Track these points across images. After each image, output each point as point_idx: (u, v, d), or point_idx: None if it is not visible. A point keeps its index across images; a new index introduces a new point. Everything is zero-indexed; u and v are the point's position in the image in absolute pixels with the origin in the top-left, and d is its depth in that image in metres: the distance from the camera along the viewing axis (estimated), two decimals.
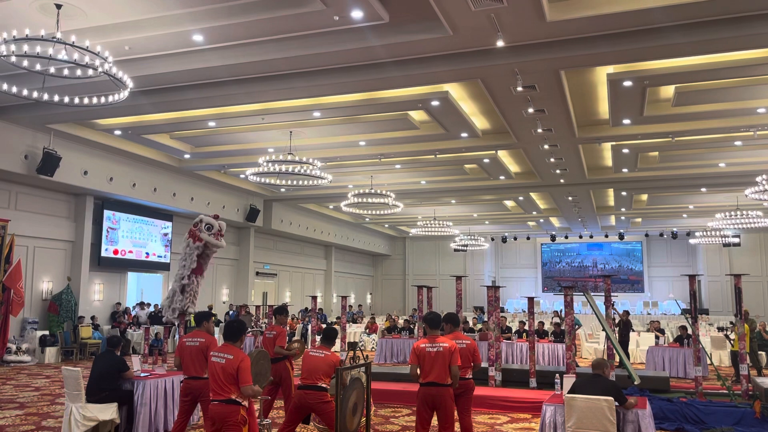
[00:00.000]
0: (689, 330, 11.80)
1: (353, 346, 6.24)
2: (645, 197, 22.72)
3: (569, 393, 5.95)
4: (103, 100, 9.19)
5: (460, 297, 12.46)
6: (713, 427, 7.89)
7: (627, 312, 16.37)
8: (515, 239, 33.68)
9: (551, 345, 14.77)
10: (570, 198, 21.61)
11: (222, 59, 10.19)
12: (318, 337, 11.22)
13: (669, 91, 12.01)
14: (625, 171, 17.87)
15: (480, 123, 13.97)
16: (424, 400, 5.93)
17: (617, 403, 5.80)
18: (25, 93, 8.73)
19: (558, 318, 19.98)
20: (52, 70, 8.03)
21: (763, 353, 14.30)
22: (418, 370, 5.97)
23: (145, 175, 17.50)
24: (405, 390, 9.64)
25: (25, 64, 7.73)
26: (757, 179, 14.64)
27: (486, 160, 16.83)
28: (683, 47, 9.20)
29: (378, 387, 9.50)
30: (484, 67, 10.09)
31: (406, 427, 8.12)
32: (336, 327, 16.82)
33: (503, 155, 16.82)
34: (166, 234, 19.99)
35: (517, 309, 29.83)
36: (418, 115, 13.53)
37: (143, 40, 9.69)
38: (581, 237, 32.18)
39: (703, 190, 20.48)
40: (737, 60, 9.93)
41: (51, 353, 15.29)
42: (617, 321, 14.93)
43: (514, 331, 16.25)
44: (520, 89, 10.60)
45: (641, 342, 16.52)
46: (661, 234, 31.39)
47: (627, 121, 13.14)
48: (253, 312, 17.12)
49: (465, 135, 14.27)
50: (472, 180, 19.71)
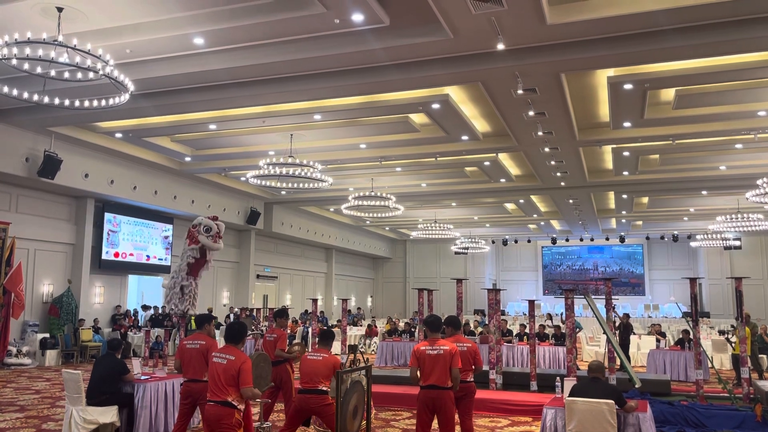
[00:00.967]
0: (691, 334, 11.78)
1: (354, 349, 6.23)
2: (646, 200, 22.70)
3: (569, 396, 5.94)
4: (104, 103, 9.20)
5: (460, 300, 12.45)
6: (714, 431, 7.87)
7: (627, 315, 16.37)
8: (516, 242, 33.65)
9: (552, 348, 14.76)
10: (571, 201, 21.61)
11: (223, 62, 10.20)
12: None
13: (669, 94, 12.01)
14: (626, 174, 17.86)
15: (480, 126, 13.97)
16: (424, 402, 5.92)
17: (618, 407, 5.79)
18: (26, 96, 8.75)
19: (550, 320, 19.98)
20: (53, 73, 8.05)
21: (764, 356, 14.27)
22: (418, 372, 5.96)
23: (146, 178, 17.52)
24: (405, 393, 9.62)
25: (26, 67, 7.74)
26: (758, 182, 14.62)
27: (486, 162, 16.83)
28: (684, 50, 9.20)
29: (378, 390, 9.48)
30: (484, 70, 10.10)
31: (406, 430, 8.10)
32: (336, 330, 16.84)
33: (504, 158, 16.82)
34: (166, 237, 19.99)
35: (518, 312, 29.79)
36: (418, 118, 13.54)
37: (144, 43, 9.71)
38: (582, 240, 32.16)
39: (704, 192, 20.46)
40: (738, 63, 9.92)
41: (51, 356, 15.28)
42: (617, 324, 14.91)
43: (515, 334, 16.24)
44: (520, 92, 10.60)
45: (642, 345, 16.50)
46: (662, 237, 31.35)
47: (627, 124, 13.15)
48: (255, 314, 17.11)
49: (465, 138, 14.28)
50: (472, 183, 19.71)
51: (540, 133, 13.37)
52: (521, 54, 9.60)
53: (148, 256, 19.20)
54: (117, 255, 18.04)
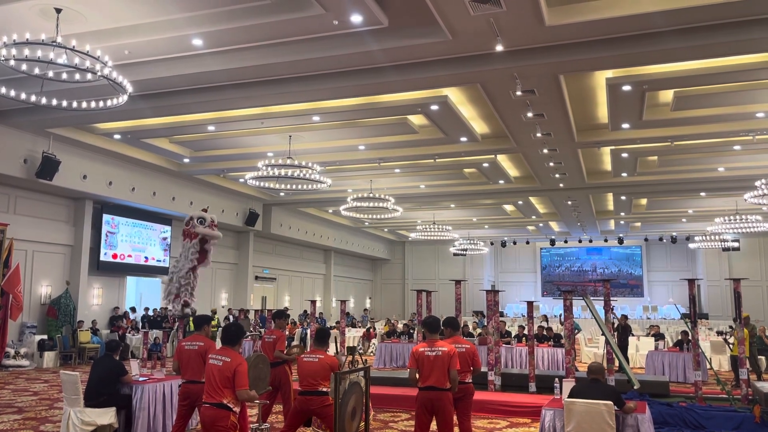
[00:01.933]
0: (690, 335, 11.78)
1: (352, 350, 6.22)
2: (644, 202, 22.72)
3: (568, 397, 5.93)
4: (103, 104, 9.19)
5: (459, 301, 12.44)
6: None
7: (625, 316, 16.37)
8: (515, 243, 33.65)
9: (551, 349, 14.75)
10: (569, 202, 21.62)
11: (221, 63, 10.20)
12: None
13: (668, 96, 12.02)
14: (625, 175, 17.88)
15: (479, 127, 13.98)
16: (423, 404, 5.91)
17: (617, 408, 5.78)
18: (24, 97, 8.74)
19: (545, 321, 19.98)
20: (51, 74, 8.04)
21: (763, 358, 14.28)
22: (417, 374, 5.96)
23: (145, 180, 17.50)
24: (404, 394, 9.61)
25: (24, 68, 7.73)
26: (757, 183, 14.65)
27: (485, 164, 16.83)
28: (682, 52, 9.21)
29: (377, 391, 9.46)
30: (483, 72, 10.10)
31: None
32: (334, 332, 16.82)
33: (502, 159, 16.83)
34: (165, 238, 19.97)
35: (517, 313, 29.78)
36: (417, 120, 13.54)
37: (143, 44, 9.70)
38: (581, 241, 32.17)
39: (703, 194, 20.48)
40: (736, 64, 9.94)
41: (49, 357, 15.26)
42: (616, 325, 14.92)
43: (513, 336, 16.23)
44: (519, 93, 10.61)
45: (641, 346, 16.51)
46: (661, 238, 31.37)
47: (626, 126, 13.16)
48: (252, 316, 17.09)
49: (464, 139, 14.28)
50: (471, 184, 19.72)
51: (539, 135, 13.38)
52: (520, 55, 9.60)
53: (146, 257, 19.18)
54: (115, 256, 18.01)
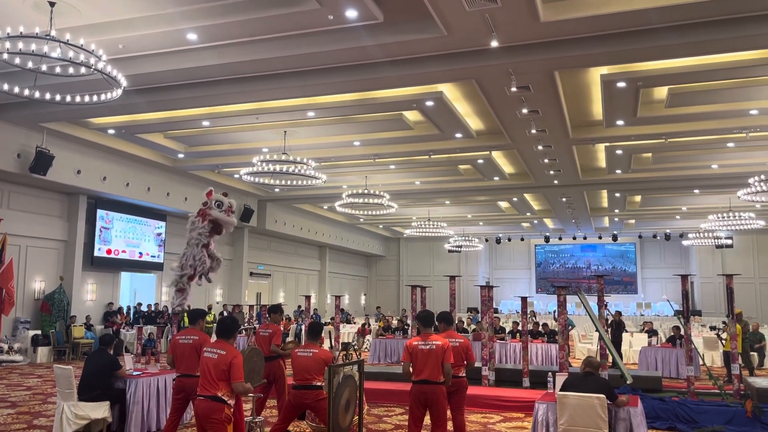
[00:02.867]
0: (682, 330, 11.84)
1: (347, 346, 6.23)
2: (638, 198, 22.80)
3: (561, 391, 5.96)
4: (96, 98, 9.15)
5: (453, 297, 12.48)
6: (705, 426, 7.92)
7: (619, 312, 16.43)
8: (509, 240, 33.73)
9: (544, 345, 14.81)
10: (564, 199, 21.67)
11: (216, 58, 10.18)
12: None
13: (662, 93, 12.06)
14: (619, 172, 17.93)
15: (474, 123, 13.99)
16: (416, 397, 5.93)
17: (609, 401, 5.82)
18: (17, 91, 8.69)
19: (533, 317, 20.10)
20: (44, 68, 8.00)
21: (755, 354, 14.38)
22: (410, 367, 5.97)
23: (139, 175, 17.45)
24: (398, 389, 9.63)
25: (18, 61, 7.70)
26: (750, 181, 14.72)
27: (480, 160, 16.86)
28: (676, 48, 9.25)
29: (371, 386, 9.50)
30: (478, 68, 10.11)
31: (399, 426, 8.12)
32: (329, 327, 16.82)
33: (497, 156, 16.86)
34: (159, 234, 19.93)
35: (511, 310, 29.87)
36: (412, 116, 13.54)
37: (137, 38, 9.68)
38: (575, 238, 32.27)
39: (696, 191, 20.57)
40: (730, 61, 9.98)
41: (43, 353, 15.23)
42: (609, 321, 14.98)
43: (507, 332, 16.27)
44: (514, 90, 10.63)
45: (634, 342, 16.59)
46: (655, 235, 31.50)
47: (620, 122, 13.20)
48: (247, 312, 17.06)
49: (459, 135, 14.30)
50: (466, 181, 19.74)
51: (533, 131, 13.41)
52: (515, 51, 9.62)
53: (140, 253, 19.14)
54: (109, 252, 17.97)
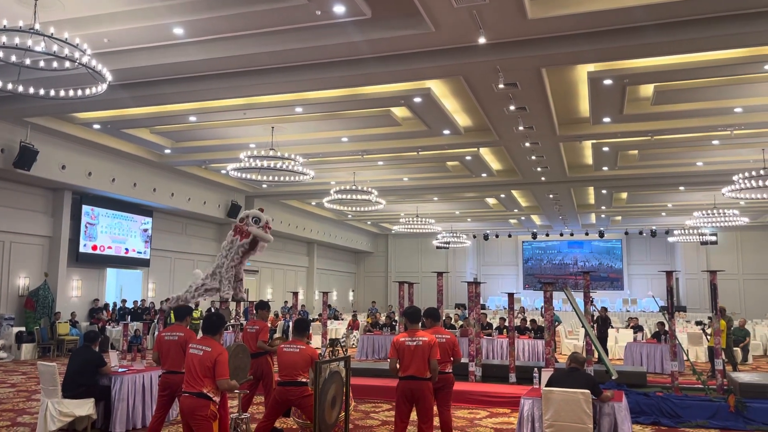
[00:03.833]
0: (667, 326, 11.96)
1: (334, 342, 6.22)
2: (625, 195, 22.95)
3: (547, 386, 6.00)
4: (81, 93, 9.06)
5: (441, 293, 12.49)
6: (688, 421, 8.01)
7: (605, 308, 16.57)
8: (497, 237, 33.85)
9: (531, 341, 14.89)
10: (551, 196, 21.77)
11: (203, 53, 10.11)
12: None
13: (648, 90, 12.14)
14: (606, 169, 18.04)
15: (462, 120, 14.01)
16: (403, 393, 5.94)
17: (594, 396, 5.86)
18: (0, 85, 8.58)
19: (521, 313, 20.21)
20: (28, 61, 7.90)
21: (738, 349, 14.54)
22: (397, 364, 5.99)
23: (125, 170, 17.31)
24: (385, 385, 9.64)
25: (0, 55, 7.59)
26: (734, 178, 14.86)
27: (468, 157, 16.89)
28: (662, 46, 9.31)
29: (358, 382, 9.51)
30: (466, 64, 10.12)
31: (385, 422, 8.13)
32: (316, 324, 16.80)
33: (485, 153, 16.90)
34: (146, 230, 19.79)
35: (499, 306, 30.00)
36: (400, 112, 13.54)
37: (123, 32, 9.59)
38: (562, 235, 32.44)
39: (682, 188, 20.75)
40: (715, 60, 10.06)
41: (27, 350, 15.09)
42: (595, 317, 15.10)
43: (494, 328, 16.34)
44: (501, 86, 10.66)
45: (620, 338, 16.73)
46: (641, 232, 31.75)
47: (607, 120, 13.27)
48: (233, 307, 16.98)
49: (447, 132, 14.31)
50: (454, 177, 19.78)
51: (521, 128, 13.45)
52: (502, 48, 9.64)
53: (126, 249, 19.00)
54: (95, 248, 17.82)
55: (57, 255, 16.68)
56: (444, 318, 16.22)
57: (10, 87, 8.60)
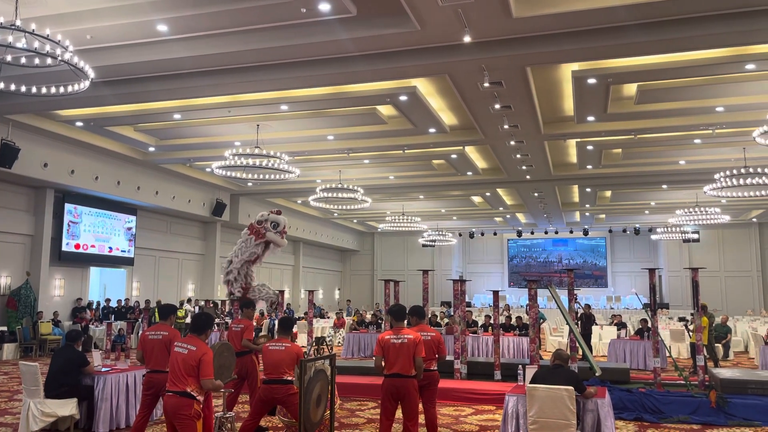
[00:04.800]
0: (650, 323, 12.08)
1: (320, 341, 6.22)
2: (609, 194, 23.16)
3: (531, 383, 6.05)
4: (63, 90, 8.96)
5: (426, 291, 12.51)
6: (670, 417, 8.11)
7: (589, 306, 16.70)
8: (482, 235, 33.99)
9: (516, 338, 14.97)
10: (536, 194, 21.91)
11: (187, 50, 10.04)
12: None
13: (632, 89, 12.25)
14: (590, 168, 18.19)
15: (447, 119, 14.05)
16: (388, 391, 5.96)
17: (577, 393, 5.91)
18: None
19: (507, 311, 20.37)
20: (9, 58, 7.81)
21: (719, 346, 14.72)
22: (382, 361, 6.00)
23: (108, 168, 17.14)
24: (371, 383, 9.65)
25: None
26: (716, 176, 15.05)
27: (453, 155, 16.94)
28: (646, 46, 9.40)
29: (344, 381, 9.51)
30: (451, 63, 10.15)
31: (371, 420, 8.14)
32: (302, 322, 16.76)
33: (470, 151, 16.96)
34: (130, 228, 19.63)
35: (484, 304, 30.14)
36: (386, 110, 13.54)
37: (106, 29, 9.50)
38: (547, 233, 32.65)
39: (664, 187, 20.97)
40: (698, 59, 10.18)
41: (9, 350, 14.92)
42: (579, 314, 15.23)
43: (480, 325, 16.41)
44: (486, 85, 10.71)
45: (604, 335, 16.87)
46: (624, 230, 32.05)
47: (591, 118, 13.37)
48: (220, 306, 16.93)
49: (433, 130, 14.34)
50: (439, 175, 19.83)
51: (506, 127, 13.52)
52: (487, 47, 9.68)
53: (110, 247, 18.83)
54: (78, 247, 17.64)
55: (39, 254, 16.49)
56: (429, 315, 16.26)
57: None
